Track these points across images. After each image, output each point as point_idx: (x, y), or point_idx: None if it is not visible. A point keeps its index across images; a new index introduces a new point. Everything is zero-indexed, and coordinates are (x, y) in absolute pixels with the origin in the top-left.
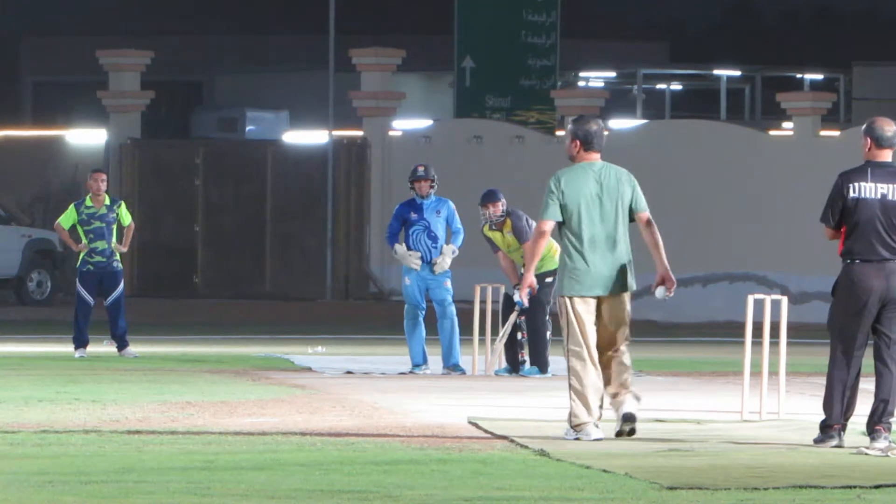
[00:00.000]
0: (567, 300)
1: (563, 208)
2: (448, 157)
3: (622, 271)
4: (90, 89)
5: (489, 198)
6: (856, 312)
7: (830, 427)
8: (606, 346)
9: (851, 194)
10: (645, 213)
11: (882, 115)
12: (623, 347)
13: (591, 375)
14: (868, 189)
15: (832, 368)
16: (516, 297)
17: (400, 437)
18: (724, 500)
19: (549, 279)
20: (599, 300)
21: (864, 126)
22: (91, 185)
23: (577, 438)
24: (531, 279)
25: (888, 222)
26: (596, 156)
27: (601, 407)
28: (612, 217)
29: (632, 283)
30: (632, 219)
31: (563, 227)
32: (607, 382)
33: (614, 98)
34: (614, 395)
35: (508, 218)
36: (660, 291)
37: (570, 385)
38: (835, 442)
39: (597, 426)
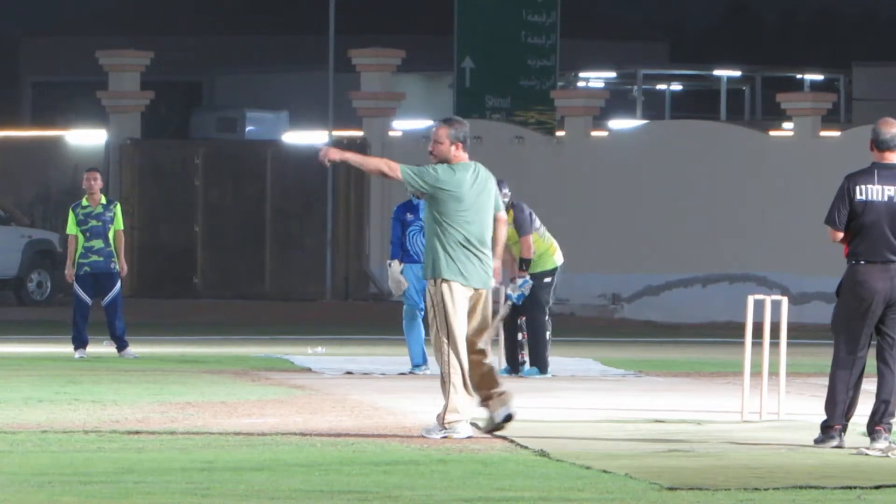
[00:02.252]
0: (451, 285)
1: (442, 198)
2: None
3: (488, 268)
4: (90, 89)
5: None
6: (860, 313)
7: (831, 427)
8: (474, 344)
9: (859, 196)
10: (501, 212)
11: (883, 116)
12: (488, 347)
13: (467, 368)
14: (875, 191)
15: (835, 369)
16: (509, 291)
17: (400, 437)
18: (723, 500)
19: (547, 279)
20: (473, 294)
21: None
22: (85, 183)
23: (445, 437)
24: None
25: (895, 225)
26: (467, 156)
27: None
28: (486, 217)
29: (492, 281)
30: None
31: (443, 219)
32: (478, 386)
33: (614, 98)
34: (487, 398)
35: (512, 209)
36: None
37: (450, 378)
38: (835, 442)
39: (469, 424)
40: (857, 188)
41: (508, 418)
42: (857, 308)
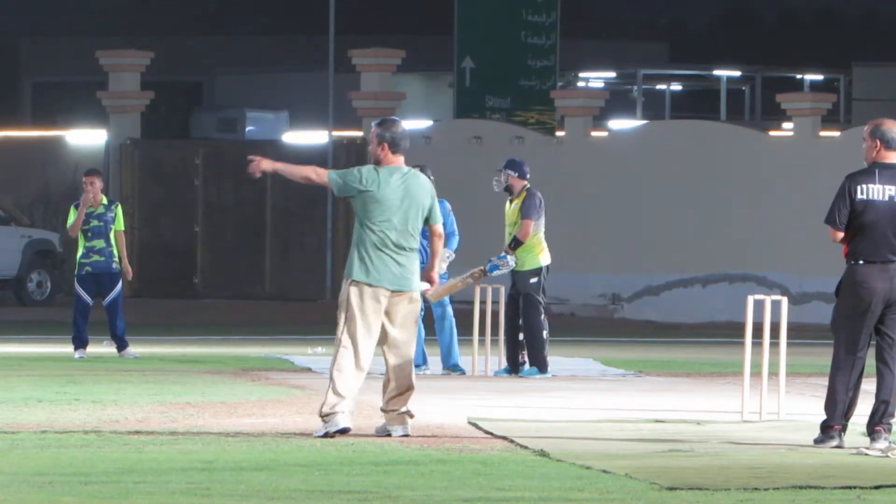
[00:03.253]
0: (361, 288)
1: (364, 199)
2: (448, 158)
3: (412, 273)
4: (90, 89)
5: (503, 166)
6: (859, 313)
7: (831, 427)
8: (394, 351)
9: (859, 196)
10: (438, 225)
11: (883, 116)
12: (408, 356)
13: (356, 376)
14: (876, 191)
15: (835, 369)
16: (490, 258)
17: (408, 436)
18: (723, 500)
19: (533, 279)
20: (390, 297)
21: (868, 128)
22: (85, 187)
23: (326, 433)
24: None
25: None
26: (401, 158)
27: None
28: (412, 221)
29: (418, 285)
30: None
31: (363, 221)
32: (387, 392)
33: (614, 98)
34: (388, 411)
35: (526, 192)
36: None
37: (331, 374)
38: (835, 442)
39: (345, 414)
40: (858, 188)
41: (405, 436)
42: (856, 308)
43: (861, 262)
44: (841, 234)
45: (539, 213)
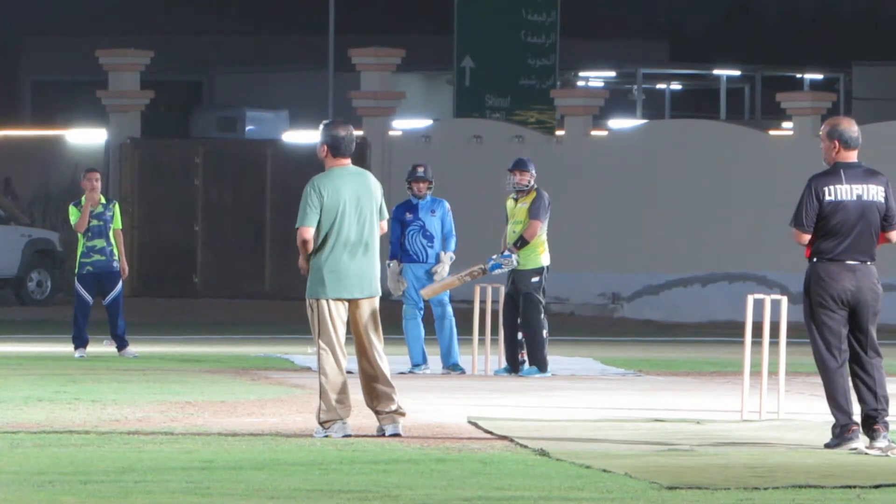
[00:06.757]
0: (323, 302)
1: (322, 213)
2: (448, 157)
3: (373, 274)
4: (90, 89)
5: (518, 165)
6: (828, 309)
7: (848, 429)
8: (364, 353)
9: (828, 197)
10: (384, 221)
11: (881, 116)
12: (381, 357)
13: (338, 376)
14: (844, 191)
15: (823, 371)
16: (493, 256)
17: (399, 436)
18: (723, 499)
19: (534, 278)
20: (352, 303)
21: (825, 129)
22: (85, 184)
23: (326, 436)
24: None
25: (865, 223)
26: (346, 161)
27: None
28: (367, 221)
29: (378, 286)
30: None
31: (318, 230)
32: (368, 395)
33: (614, 98)
34: (377, 412)
35: (535, 192)
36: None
37: (319, 382)
38: (854, 444)
39: (344, 423)
40: (826, 189)
41: (395, 436)
42: (822, 303)
43: (824, 259)
44: (808, 237)
45: (547, 214)
